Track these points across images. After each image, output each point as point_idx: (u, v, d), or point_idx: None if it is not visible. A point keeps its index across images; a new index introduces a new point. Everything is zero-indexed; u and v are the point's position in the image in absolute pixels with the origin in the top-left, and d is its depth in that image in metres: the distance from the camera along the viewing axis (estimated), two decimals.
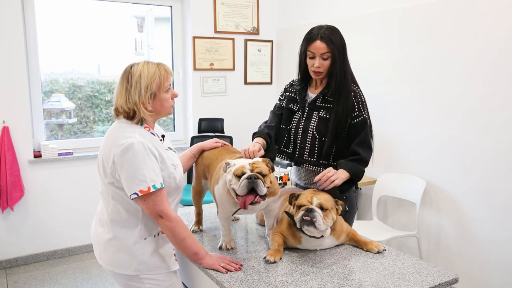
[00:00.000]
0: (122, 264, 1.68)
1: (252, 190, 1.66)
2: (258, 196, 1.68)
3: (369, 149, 2.05)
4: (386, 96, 3.50)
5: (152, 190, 1.58)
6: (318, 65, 2.01)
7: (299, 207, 1.73)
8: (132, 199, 1.60)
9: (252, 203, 1.67)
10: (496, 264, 2.85)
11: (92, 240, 1.82)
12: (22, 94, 3.59)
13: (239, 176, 1.67)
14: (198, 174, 2.09)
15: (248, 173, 1.66)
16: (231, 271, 1.65)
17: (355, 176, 1.96)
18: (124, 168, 1.58)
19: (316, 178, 1.88)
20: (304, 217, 1.68)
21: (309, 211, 1.68)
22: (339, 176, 1.89)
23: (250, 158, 1.83)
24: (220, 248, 1.86)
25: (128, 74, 1.66)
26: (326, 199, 1.74)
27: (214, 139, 2.14)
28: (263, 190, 1.67)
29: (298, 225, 1.72)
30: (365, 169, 2.03)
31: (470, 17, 2.87)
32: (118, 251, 1.68)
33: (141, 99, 1.64)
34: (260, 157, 1.87)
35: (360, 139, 2.02)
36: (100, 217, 1.77)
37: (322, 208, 1.70)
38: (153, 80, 1.65)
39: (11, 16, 3.47)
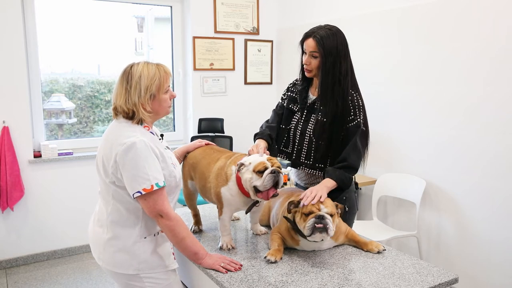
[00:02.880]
0: (122, 263, 1.68)
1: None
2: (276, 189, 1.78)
3: (358, 155, 1.99)
4: (386, 96, 3.50)
5: (155, 188, 1.58)
6: (305, 62, 2.03)
7: (306, 214, 1.71)
8: (135, 198, 1.60)
9: (273, 195, 1.76)
10: (496, 264, 2.85)
11: (90, 240, 1.82)
12: (22, 94, 3.58)
13: (261, 172, 1.73)
14: (185, 177, 2.09)
15: (270, 168, 1.74)
16: (231, 271, 1.65)
17: (343, 184, 1.94)
18: (127, 167, 1.58)
19: (302, 201, 1.78)
20: (316, 225, 1.68)
21: (321, 218, 1.68)
22: (322, 191, 1.81)
23: (258, 153, 1.86)
24: (221, 248, 1.86)
25: (128, 75, 1.66)
26: (332, 205, 1.76)
27: (197, 139, 2.15)
28: (282, 183, 1.78)
29: (307, 233, 1.69)
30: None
31: (470, 17, 2.87)
32: (118, 250, 1.68)
33: (140, 100, 1.64)
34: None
35: (351, 144, 1.98)
36: (99, 217, 1.77)
37: (330, 214, 1.72)
38: (153, 81, 1.65)
39: (11, 16, 3.47)
